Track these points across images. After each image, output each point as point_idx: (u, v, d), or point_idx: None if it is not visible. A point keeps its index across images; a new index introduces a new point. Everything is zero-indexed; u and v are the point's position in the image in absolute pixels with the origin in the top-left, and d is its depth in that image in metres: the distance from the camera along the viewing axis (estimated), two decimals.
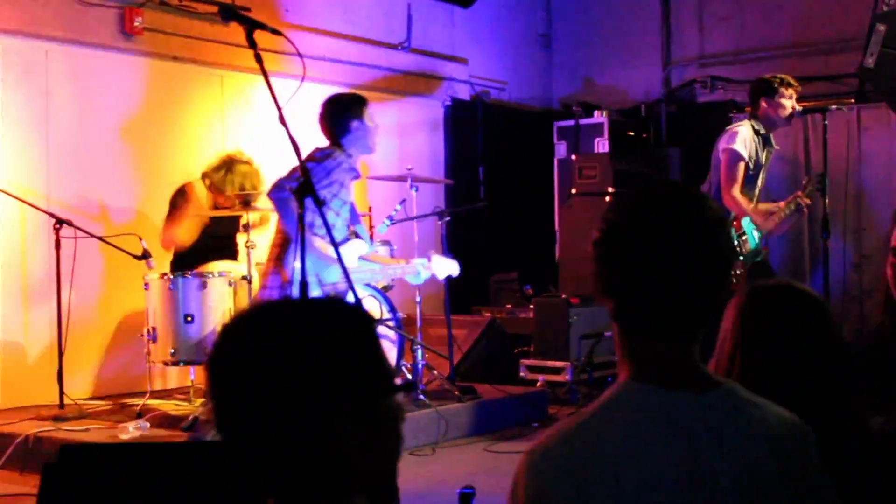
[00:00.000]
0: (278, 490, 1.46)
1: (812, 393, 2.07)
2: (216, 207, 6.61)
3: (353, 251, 5.91)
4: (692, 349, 1.68)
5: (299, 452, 1.43)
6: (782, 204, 6.43)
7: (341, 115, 5.84)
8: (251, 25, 3.80)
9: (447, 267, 6.25)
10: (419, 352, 6.56)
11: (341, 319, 1.50)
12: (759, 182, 6.41)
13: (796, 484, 1.66)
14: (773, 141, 6.42)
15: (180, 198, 6.63)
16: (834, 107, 6.42)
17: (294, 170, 5.39)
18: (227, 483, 2.58)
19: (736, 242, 6.18)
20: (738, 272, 6.07)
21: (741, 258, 6.19)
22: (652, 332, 1.66)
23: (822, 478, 1.71)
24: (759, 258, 6.31)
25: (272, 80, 3.88)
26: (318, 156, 5.68)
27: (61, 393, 6.04)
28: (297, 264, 4.53)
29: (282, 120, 3.79)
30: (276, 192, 5.47)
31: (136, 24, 6.99)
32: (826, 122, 6.38)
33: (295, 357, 1.42)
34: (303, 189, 3.78)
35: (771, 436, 1.65)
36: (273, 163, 6.84)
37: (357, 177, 5.86)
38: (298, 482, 1.45)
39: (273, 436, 1.42)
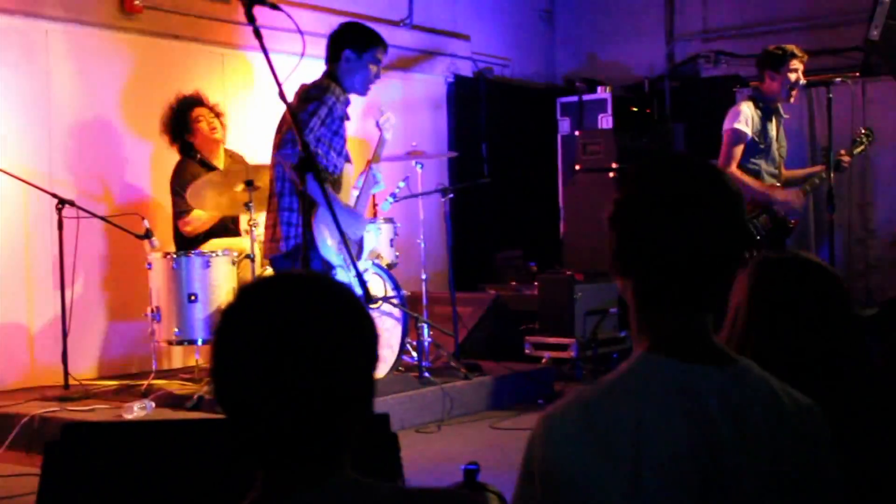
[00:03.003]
0: (278, 464, 1.45)
1: (829, 365, 2.05)
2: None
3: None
4: (707, 323, 1.67)
5: (312, 427, 1.43)
6: (817, 168, 6.52)
7: (338, 40, 5.62)
8: (250, 1, 3.77)
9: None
10: (424, 329, 6.55)
11: (342, 293, 1.49)
12: (776, 154, 6.39)
13: (806, 464, 1.65)
14: (781, 110, 6.39)
15: (189, 173, 6.56)
16: (839, 79, 6.37)
17: (294, 134, 4.84)
18: (228, 460, 2.57)
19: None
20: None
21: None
22: (669, 307, 1.65)
23: (830, 460, 1.70)
24: None
25: (271, 56, 3.84)
26: (314, 92, 5.44)
27: (66, 374, 6.03)
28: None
29: (282, 95, 3.76)
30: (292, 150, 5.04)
31: (136, 2, 6.94)
32: (831, 95, 6.34)
33: (301, 333, 1.42)
34: (304, 164, 3.74)
35: (784, 414, 1.65)
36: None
37: (345, 119, 5.60)
38: (303, 456, 1.44)
39: (284, 411, 1.41)
